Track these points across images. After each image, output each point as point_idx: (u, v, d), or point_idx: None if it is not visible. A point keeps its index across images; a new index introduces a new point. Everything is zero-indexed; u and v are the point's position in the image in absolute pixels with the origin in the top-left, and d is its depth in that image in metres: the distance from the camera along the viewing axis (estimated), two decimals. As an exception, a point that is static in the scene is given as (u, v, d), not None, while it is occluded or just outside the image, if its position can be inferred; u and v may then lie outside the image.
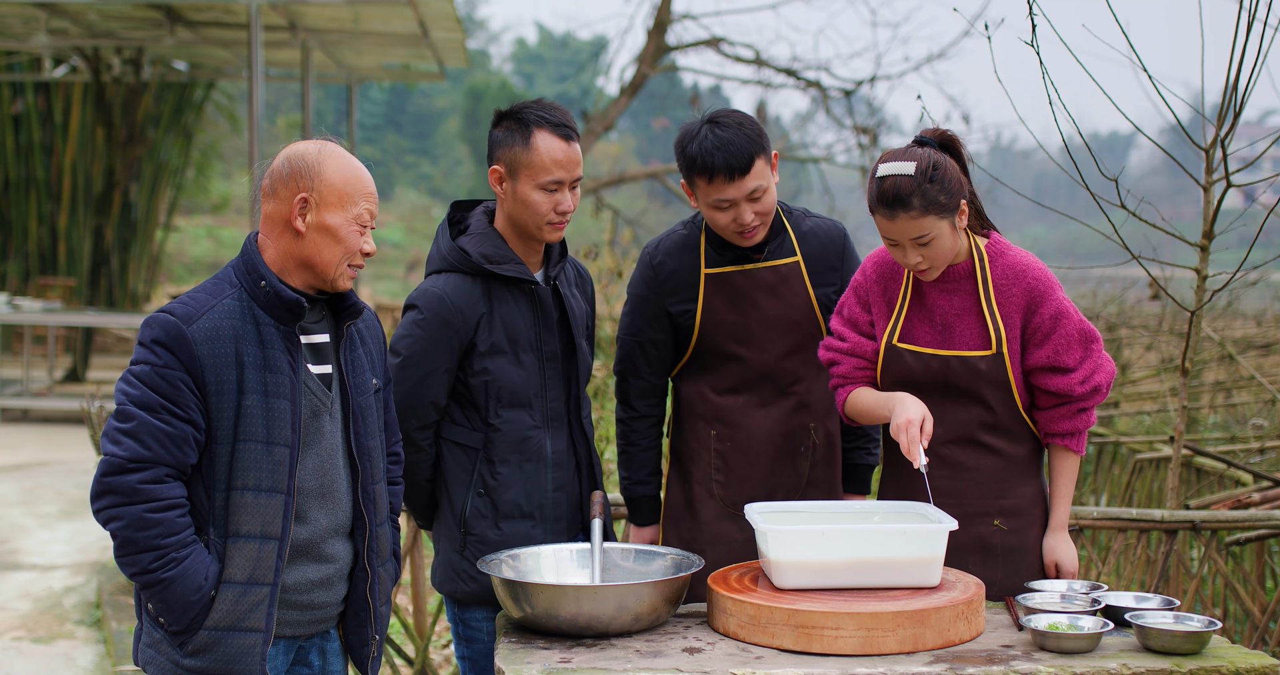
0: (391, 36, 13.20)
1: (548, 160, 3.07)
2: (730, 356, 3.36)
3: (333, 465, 2.73)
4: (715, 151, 3.15)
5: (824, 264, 3.41)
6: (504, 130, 3.13)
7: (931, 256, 3.02)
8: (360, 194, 2.68)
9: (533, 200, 3.10)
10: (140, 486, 2.51)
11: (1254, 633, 4.64)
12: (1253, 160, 4.51)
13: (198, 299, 2.62)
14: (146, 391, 2.54)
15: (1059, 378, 3.07)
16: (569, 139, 3.09)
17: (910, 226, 2.97)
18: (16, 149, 15.95)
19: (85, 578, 6.89)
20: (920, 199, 2.95)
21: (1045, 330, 3.07)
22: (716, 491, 3.39)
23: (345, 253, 2.68)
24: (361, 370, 2.80)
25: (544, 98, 3.21)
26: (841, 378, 3.24)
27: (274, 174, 2.68)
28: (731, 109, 3.27)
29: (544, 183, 3.08)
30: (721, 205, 3.21)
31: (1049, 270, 3.14)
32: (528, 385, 3.17)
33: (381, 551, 2.84)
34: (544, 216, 3.11)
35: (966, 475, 3.12)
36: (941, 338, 3.12)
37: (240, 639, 2.59)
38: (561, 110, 3.13)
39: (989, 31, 4.47)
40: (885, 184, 2.97)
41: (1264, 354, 11.03)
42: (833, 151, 19.82)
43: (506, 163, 3.11)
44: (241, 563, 2.59)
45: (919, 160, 2.97)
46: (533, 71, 52.66)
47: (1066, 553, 3.13)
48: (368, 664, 2.85)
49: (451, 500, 3.18)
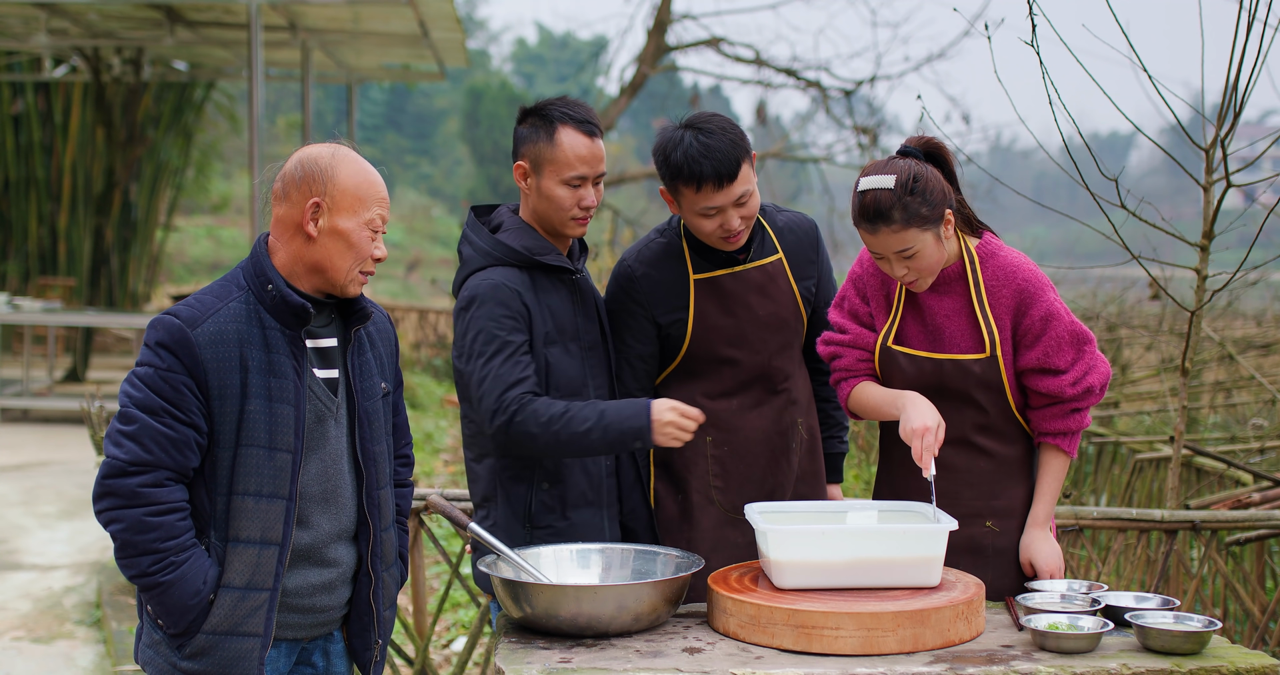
0: (391, 36, 13.20)
1: (571, 156, 3.09)
2: (724, 361, 3.34)
3: (337, 470, 2.72)
4: (702, 159, 3.10)
5: (803, 258, 3.41)
6: (529, 127, 3.14)
7: (918, 268, 3.01)
8: (373, 199, 2.67)
9: (557, 195, 3.11)
10: (140, 490, 2.51)
11: (1254, 633, 4.64)
12: (1253, 160, 4.51)
13: (204, 301, 2.61)
14: (149, 394, 2.53)
15: (1050, 379, 3.07)
16: (592, 135, 3.11)
17: (893, 240, 2.95)
18: (16, 149, 15.95)
19: (85, 578, 6.88)
20: (901, 212, 2.93)
21: (1036, 332, 3.06)
22: (716, 497, 3.36)
23: (356, 258, 2.66)
24: (369, 375, 2.79)
25: (568, 95, 3.22)
26: (844, 370, 3.23)
27: (286, 177, 2.67)
28: (710, 113, 3.24)
29: (568, 178, 3.10)
30: (709, 212, 3.17)
31: (1040, 271, 3.12)
32: (578, 374, 3.17)
33: (385, 556, 2.83)
34: (568, 212, 3.12)
35: (959, 477, 3.12)
36: (933, 340, 3.12)
37: (238, 643, 2.59)
38: (585, 107, 3.14)
39: (989, 31, 4.47)
40: (866, 198, 2.96)
41: (1264, 354, 11.02)
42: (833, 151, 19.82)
43: (531, 158, 3.13)
44: (241, 568, 2.58)
45: (899, 173, 2.95)
46: (533, 71, 52.66)
47: (1042, 551, 3.10)
48: (370, 667, 2.85)
49: (509, 496, 3.14)
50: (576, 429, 2.94)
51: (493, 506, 3.17)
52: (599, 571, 2.94)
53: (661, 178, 3.20)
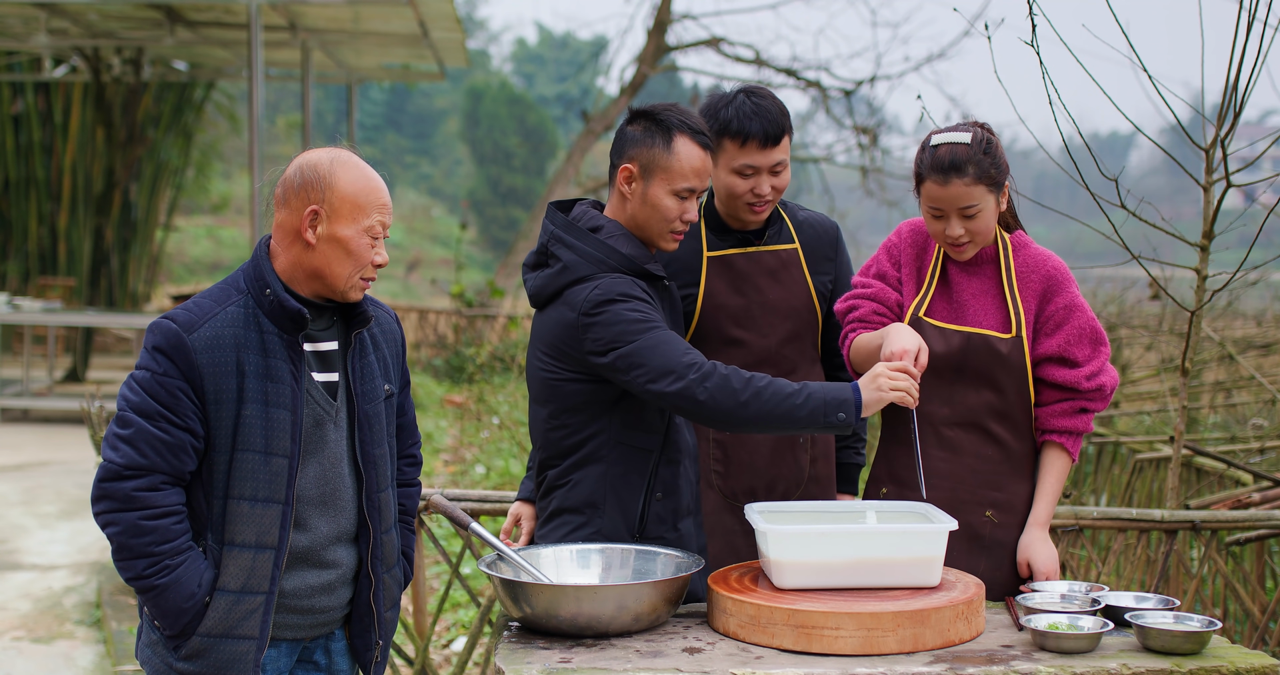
0: (391, 36, 13.21)
1: (687, 167, 3.00)
2: (730, 341, 3.37)
3: (336, 474, 2.71)
4: (753, 117, 3.20)
5: (820, 254, 3.45)
6: (641, 130, 3.04)
7: (974, 230, 3.08)
8: (373, 206, 2.65)
9: (664, 205, 3.01)
10: (135, 494, 2.51)
11: (1254, 633, 4.64)
12: (1253, 160, 4.51)
13: (202, 306, 2.61)
14: (146, 398, 2.54)
15: (1067, 370, 3.10)
16: (706, 147, 3.03)
17: (962, 194, 3.02)
18: (16, 149, 15.95)
19: (85, 578, 6.88)
20: (975, 167, 3.02)
21: (1058, 320, 3.12)
22: (716, 482, 3.39)
23: (356, 266, 2.65)
24: (371, 377, 2.78)
25: (678, 103, 3.12)
26: (857, 321, 3.23)
27: (286, 183, 2.65)
28: (764, 85, 3.34)
29: (679, 189, 3.01)
30: (745, 172, 3.24)
31: (1067, 267, 3.20)
32: None
33: (386, 558, 2.82)
34: (670, 223, 3.03)
35: (965, 461, 3.13)
36: (957, 314, 3.16)
37: (233, 646, 2.60)
38: (699, 118, 3.08)
39: (989, 31, 4.47)
40: (941, 150, 3.04)
41: (1264, 354, 11.02)
42: (833, 151, 19.84)
43: (643, 162, 3.02)
44: (236, 571, 2.59)
45: (974, 133, 3.06)
46: (533, 71, 52.65)
47: (1040, 553, 3.11)
48: (371, 667, 2.85)
49: (623, 505, 3.03)
50: (782, 390, 2.78)
51: (597, 515, 3.04)
52: (599, 571, 2.93)
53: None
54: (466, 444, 11.12)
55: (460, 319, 16.46)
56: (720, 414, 2.80)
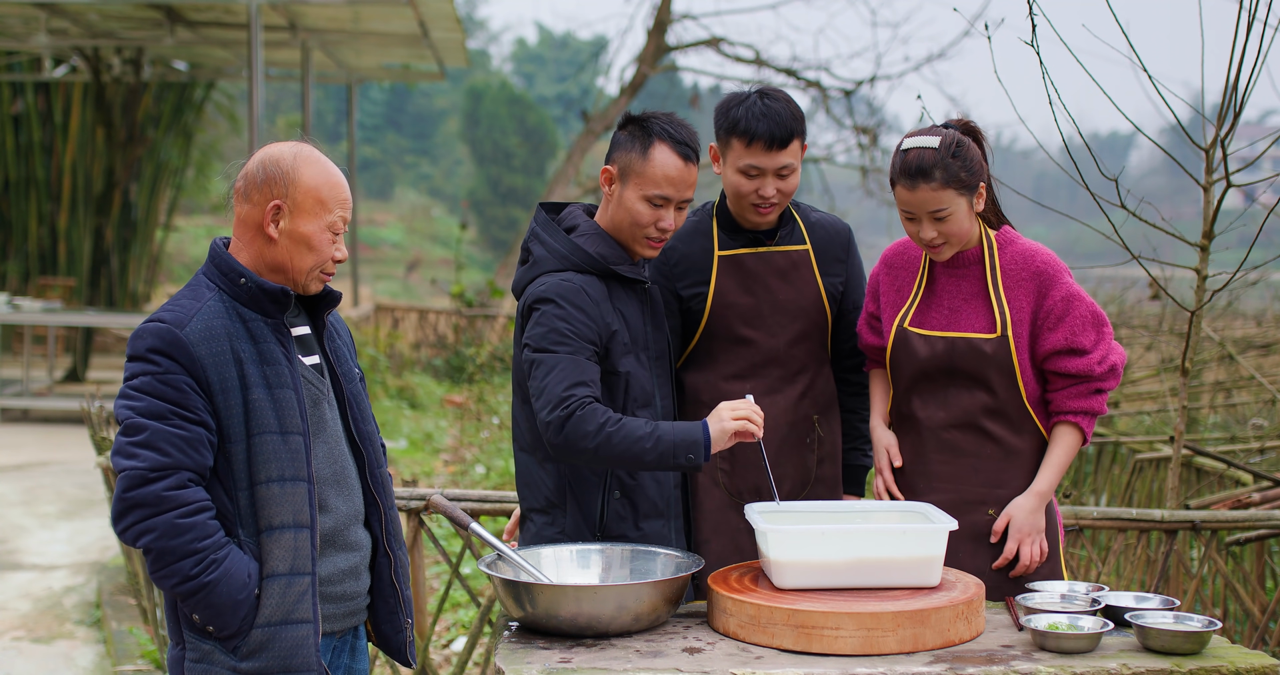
0: (391, 36, 13.22)
1: (659, 174, 3.03)
2: (739, 340, 3.38)
3: (340, 452, 2.74)
4: (762, 118, 3.21)
5: (831, 255, 3.46)
6: (627, 134, 3.10)
7: (947, 232, 3.08)
8: (335, 201, 2.67)
9: (636, 209, 3.05)
10: (166, 493, 2.47)
11: (1254, 633, 4.64)
12: (1253, 160, 4.51)
13: (181, 305, 2.61)
14: (153, 401, 2.51)
15: (1077, 359, 3.10)
16: (687, 158, 3.05)
17: (930, 198, 3.03)
18: (16, 149, 15.95)
19: (85, 578, 6.89)
20: (942, 172, 3.03)
21: (1058, 313, 3.12)
22: (721, 480, 3.39)
23: (317, 261, 2.67)
24: (345, 359, 2.83)
25: (675, 113, 3.17)
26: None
27: (248, 177, 2.66)
28: (780, 89, 3.34)
29: (650, 195, 3.04)
30: (750, 172, 3.25)
31: (1057, 257, 3.19)
32: (648, 385, 3.15)
33: (398, 534, 2.85)
34: (643, 229, 3.07)
35: (966, 461, 3.15)
36: (948, 321, 3.18)
37: (293, 632, 2.57)
38: (689, 130, 3.10)
39: (989, 31, 4.47)
40: (909, 155, 3.06)
41: (1264, 354, 11.02)
42: (833, 151, 19.83)
43: (621, 165, 3.08)
44: (281, 554, 2.56)
45: (944, 136, 3.07)
46: (533, 71, 52.63)
47: (1020, 513, 3.11)
48: (406, 650, 2.85)
49: (581, 504, 3.08)
50: (632, 433, 2.85)
51: (559, 513, 3.10)
52: (599, 571, 2.94)
53: (717, 132, 3.28)
54: (466, 444, 11.12)
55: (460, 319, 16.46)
56: (574, 453, 2.89)
